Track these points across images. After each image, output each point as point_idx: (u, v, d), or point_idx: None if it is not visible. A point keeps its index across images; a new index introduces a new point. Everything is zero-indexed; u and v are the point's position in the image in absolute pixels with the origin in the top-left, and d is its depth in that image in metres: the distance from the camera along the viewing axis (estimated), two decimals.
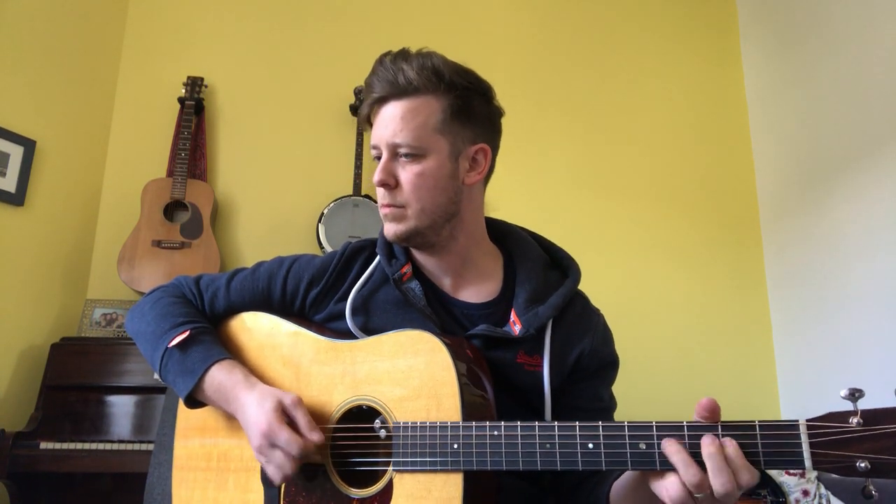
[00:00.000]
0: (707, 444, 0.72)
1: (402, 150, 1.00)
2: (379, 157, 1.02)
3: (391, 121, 1.00)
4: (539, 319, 1.01)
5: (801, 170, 2.71)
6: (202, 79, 2.75)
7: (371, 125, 1.05)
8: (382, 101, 1.01)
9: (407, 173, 1.00)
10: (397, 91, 1.00)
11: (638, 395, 2.47)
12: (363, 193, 2.66)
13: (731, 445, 0.72)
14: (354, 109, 2.79)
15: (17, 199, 2.34)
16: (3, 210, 2.30)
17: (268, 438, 0.91)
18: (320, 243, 2.56)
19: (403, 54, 1.01)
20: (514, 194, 2.74)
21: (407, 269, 1.07)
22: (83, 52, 2.69)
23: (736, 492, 0.71)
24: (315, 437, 0.91)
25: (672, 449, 0.74)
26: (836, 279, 2.47)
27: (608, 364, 1.09)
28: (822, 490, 2.21)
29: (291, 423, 0.92)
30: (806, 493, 2.21)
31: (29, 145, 2.40)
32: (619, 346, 1.12)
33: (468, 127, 1.02)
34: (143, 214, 2.52)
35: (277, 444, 0.90)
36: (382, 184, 1.01)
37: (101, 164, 2.75)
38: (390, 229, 1.04)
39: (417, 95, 0.99)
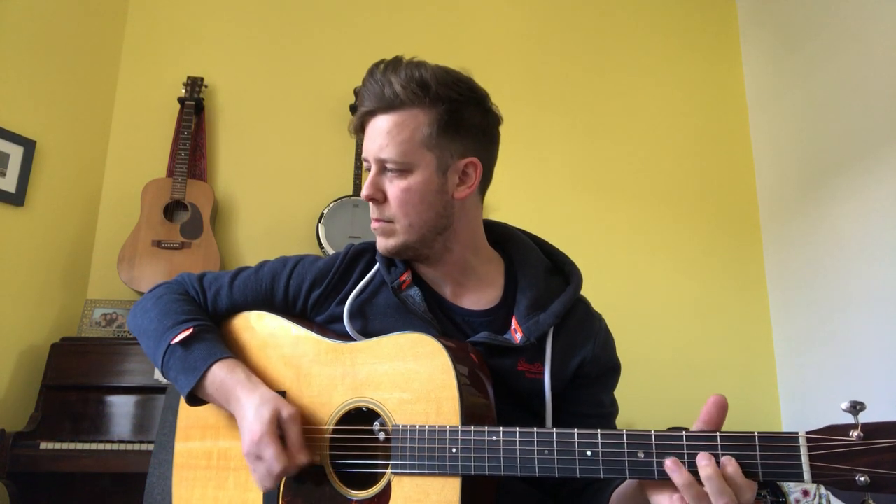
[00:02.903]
0: (704, 466, 0.71)
1: (389, 165, 1.00)
2: (370, 169, 1.03)
3: (378, 135, 1.00)
4: (540, 327, 1.01)
5: (801, 170, 2.71)
6: (202, 79, 2.75)
7: (363, 135, 1.05)
8: (371, 114, 1.01)
9: (394, 188, 1.00)
10: (384, 104, 0.99)
11: (638, 396, 2.48)
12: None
13: (730, 465, 0.71)
14: (354, 109, 2.78)
15: (17, 199, 2.34)
16: (3, 210, 2.31)
17: (256, 448, 0.91)
18: (320, 243, 2.56)
19: (393, 65, 1.00)
20: (513, 194, 2.74)
21: (406, 276, 1.06)
22: (83, 52, 2.69)
23: None
24: (301, 458, 0.92)
25: (673, 468, 0.73)
26: (836, 279, 2.47)
27: (610, 370, 1.09)
28: (822, 490, 2.22)
29: (284, 437, 0.93)
30: (806, 493, 2.22)
31: (29, 145, 2.40)
32: (619, 347, 1.12)
33: (457, 140, 1.01)
34: (143, 214, 2.52)
35: (263, 457, 0.91)
36: (370, 198, 1.01)
37: (101, 164, 2.75)
38: (381, 244, 1.04)
39: (404, 109, 0.98)
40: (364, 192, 1.01)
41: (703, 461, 0.71)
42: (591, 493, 0.99)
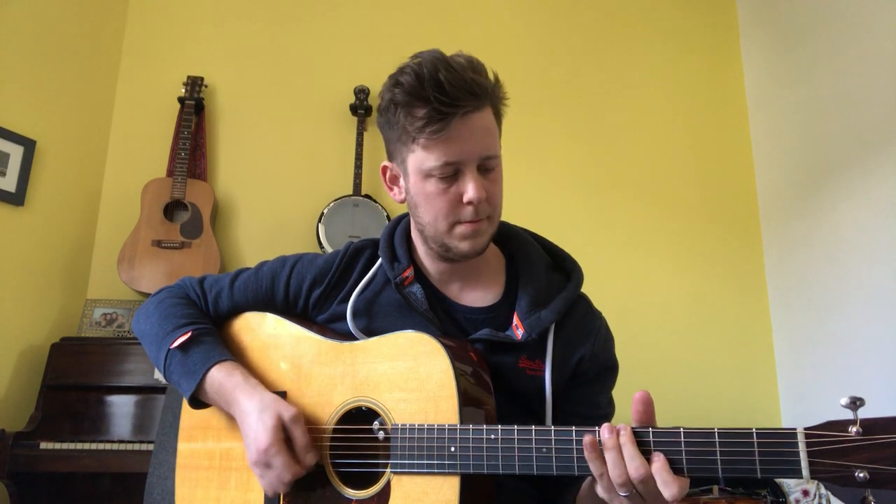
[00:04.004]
0: (606, 439, 0.77)
1: (491, 163, 0.98)
2: (449, 175, 0.96)
3: (483, 133, 0.96)
4: (541, 324, 1.01)
5: (801, 170, 2.71)
6: (202, 79, 2.75)
7: (419, 137, 0.95)
8: (467, 112, 0.94)
9: (492, 184, 0.99)
10: (480, 102, 0.95)
11: None
12: (363, 193, 2.66)
13: (658, 461, 0.75)
14: (354, 109, 2.79)
15: (17, 199, 2.34)
16: (3, 210, 2.31)
17: (265, 457, 0.92)
18: (320, 243, 2.56)
19: (462, 61, 0.96)
20: (512, 194, 2.72)
21: (409, 272, 1.06)
22: (83, 52, 2.69)
23: (650, 482, 0.74)
24: (310, 460, 0.93)
25: (588, 445, 0.77)
26: (836, 280, 2.47)
27: (608, 369, 1.09)
28: (822, 490, 2.22)
29: (289, 439, 0.93)
30: (806, 493, 2.22)
31: (29, 145, 2.40)
32: (619, 347, 1.12)
33: (500, 127, 1.03)
34: (143, 214, 2.52)
35: (273, 465, 0.91)
36: (483, 200, 0.96)
37: (101, 164, 2.75)
38: (474, 245, 1.00)
39: (487, 104, 0.98)
40: (479, 194, 0.95)
41: (605, 432, 0.77)
42: (570, 489, 0.99)
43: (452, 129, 0.93)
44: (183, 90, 2.71)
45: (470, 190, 0.95)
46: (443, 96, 0.91)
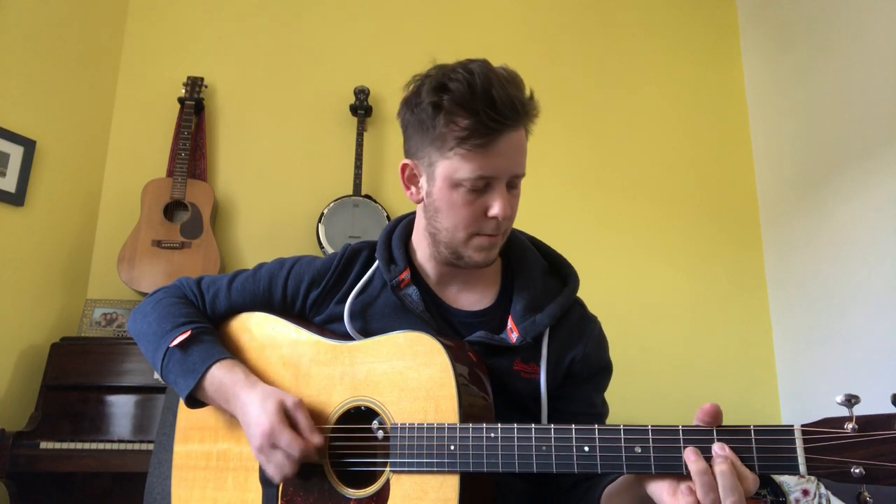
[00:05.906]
0: (719, 462, 0.71)
1: (519, 180, 1.01)
2: (479, 188, 0.96)
3: (518, 152, 0.97)
4: (536, 328, 1.02)
5: (801, 170, 2.71)
6: (202, 79, 2.75)
7: (458, 146, 0.94)
8: (509, 130, 0.94)
9: (513, 198, 1.01)
10: (522, 119, 0.96)
11: (639, 397, 2.48)
12: (363, 193, 2.66)
13: (731, 458, 0.71)
14: (354, 109, 2.79)
15: (17, 199, 2.34)
16: (3, 210, 2.31)
17: (269, 439, 0.91)
18: (320, 243, 2.56)
19: (507, 76, 0.96)
20: None
21: (405, 275, 1.07)
22: (83, 52, 2.70)
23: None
24: (316, 439, 0.92)
25: (697, 467, 0.71)
26: (836, 280, 2.47)
27: (601, 370, 1.10)
28: (822, 490, 2.21)
29: (292, 425, 0.93)
30: (806, 492, 2.22)
31: (29, 145, 2.40)
32: (620, 348, 1.12)
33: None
34: (143, 214, 2.52)
35: (279, 444, 0.91)
36: (507, 217, 0.98)
37: (101, 164, 2.75)
38: (491, 256, 1.03)
39: (525, 123, 0.98)
40: (508, 212, 0.97)
41: (719, 450, 0.71)
42: (584, 489, 0.99)
43: (494, 144, 0.93)
44: (183, 90, 2.71)
45: (497, 206, 0.96)
46: (492, 111, 0.91)
